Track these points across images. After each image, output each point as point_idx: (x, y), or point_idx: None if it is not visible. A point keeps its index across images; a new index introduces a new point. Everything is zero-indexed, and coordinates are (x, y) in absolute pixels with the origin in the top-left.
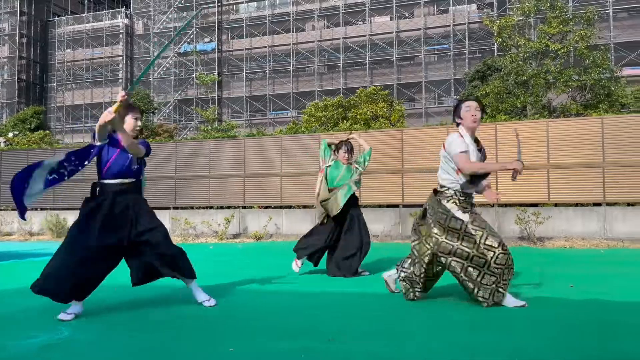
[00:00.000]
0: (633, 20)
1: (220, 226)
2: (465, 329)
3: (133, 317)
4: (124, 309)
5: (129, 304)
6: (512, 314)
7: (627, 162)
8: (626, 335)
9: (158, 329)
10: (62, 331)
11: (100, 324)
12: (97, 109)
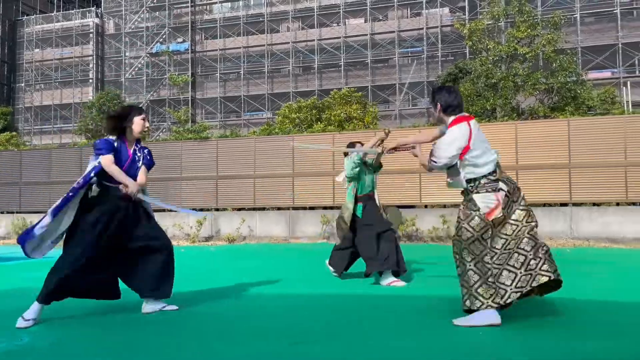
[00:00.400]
0: (599, 24)
1: (192, 229)
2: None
3: (92, 322)
4: (83, 314)
5: (88, 308)
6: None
7: (593, 163)
8: (585, 333)
9: (116, 332)
10: (22, 338)
11: (59, 330)
12: (66, 110)
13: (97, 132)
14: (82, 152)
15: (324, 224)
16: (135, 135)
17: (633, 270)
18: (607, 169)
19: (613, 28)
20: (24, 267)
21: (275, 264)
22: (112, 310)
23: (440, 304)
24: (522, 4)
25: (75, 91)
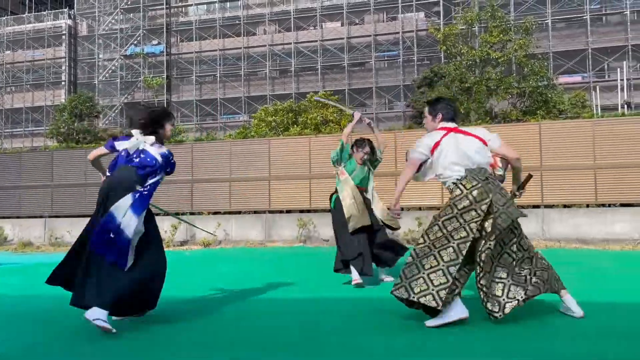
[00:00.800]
0: (570, 30)
1: (166, 233)
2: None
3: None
4: (55, 328)
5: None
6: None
7: (564, 165)
8: (550, 334)
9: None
10: None
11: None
12: (38, 112)
13: (68, 136)
14: (54, 156)
15: (301, 227)
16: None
17: (599, 270)
18: (578, 172)
19: (583, 34)
20: None
21: (251, 268)
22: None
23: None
24: (495, 9)
25: (47, 94)
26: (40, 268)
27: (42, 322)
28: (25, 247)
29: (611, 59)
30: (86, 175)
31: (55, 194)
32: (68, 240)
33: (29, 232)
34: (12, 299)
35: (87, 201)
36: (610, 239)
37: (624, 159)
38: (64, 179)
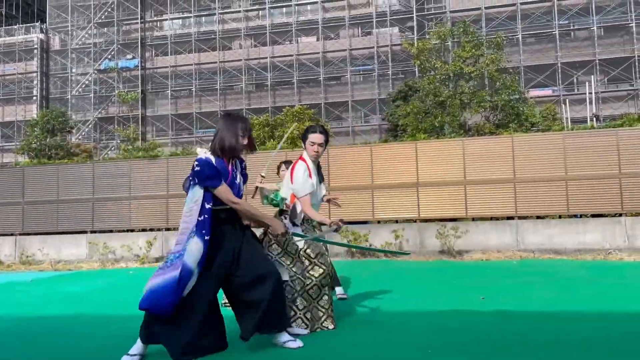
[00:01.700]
0: (540, 45)
1: (141, 249)
2: None
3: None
4: (27, 347)
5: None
6: (419, 323)
7: (536, 177)
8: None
9: None
10: None
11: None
12: (8, 128)
13: (40, 152)
14: (25, 172)
15: None
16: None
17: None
18: (550, 183)
19: (552, 48)
20: None
21: None
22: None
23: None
24: (467, 25)
25: (18, 108)
26: (12, 287)
27: (13, 342)
28: None
29: (580, 72)
30: (58, 192)
31: (27, 211)
32: (39, 258)
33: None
34: None
35: (59, 218)
36: (583, 249)
37: (594, 170)
38: (36, 196)
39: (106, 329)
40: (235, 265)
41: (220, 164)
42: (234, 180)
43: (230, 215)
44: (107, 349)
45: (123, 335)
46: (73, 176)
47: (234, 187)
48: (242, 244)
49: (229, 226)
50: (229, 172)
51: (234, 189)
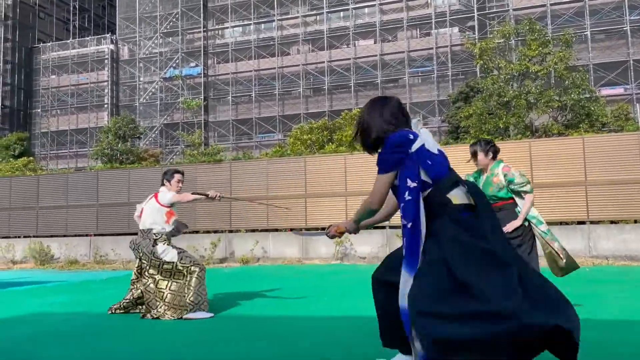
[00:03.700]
0: (610, 41)
1: (206, 251)
2: None
3: (107, 351)
4: (102, 345)
5: (107, 337)
6: None
7: (609, 180)
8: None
9: (121, 358)
10: None
11: (79, 356)
12: (82, 135)
13: (112, 156)
14: (99, 176)
15: (337, 244)
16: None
17: None
18: (624, 186)
19: (624, 45)
20: (37, 292)
21: (288, 285)
22: (135, 330)
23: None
24: (533, 22)
25: (90, 116)
26: (86, 285)
27: (89, 340)
28: (72, 264)
29: None
30: (129, 195)
31: (100, 212)
32: (112, 258)
33: (75, 250)
34: (58, 316)
35: (130, 220)
36: None
37: None
38: (109, 199)
39: (177, 326)
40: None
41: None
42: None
43: None
44: (194, 343)
45: (191, 329)
46: (142, 180)
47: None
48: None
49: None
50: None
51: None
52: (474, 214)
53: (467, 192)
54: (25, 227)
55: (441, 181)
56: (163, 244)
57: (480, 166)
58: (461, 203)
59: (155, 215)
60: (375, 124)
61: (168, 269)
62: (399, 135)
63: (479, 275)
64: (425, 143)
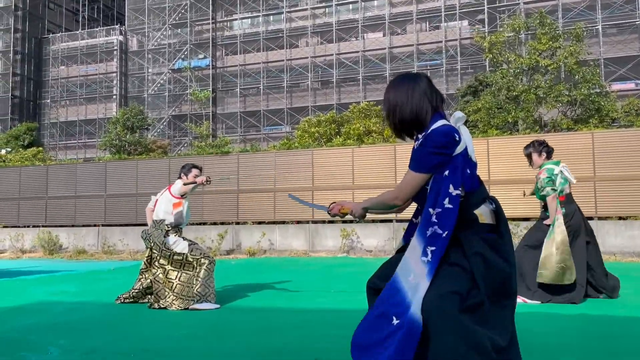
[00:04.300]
0: (622, 35)
1: (213, 242)
2: None
3: (116, 340)
4: (110, 334)
5: (116, 326)
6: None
7: (618, 176)
8: (611, 351)
9: (138, 355)
10: (51, 351)
11: (91, 341)
12: (91, 125)
13: (121, 147)
14: (107, 167)
15: (344, 237)
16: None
17: None
18: (634, 182)
19: (635, 39)
20: (46, 281)
21: (295, 277)
22: (142, 320)
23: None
24: (543, 16)
25: (99, 107)
26: (94, 275)
27: (98, 329)
28: (80, 254)
29: None
30: (137, 186)
31: (109, 203)
32: (120, 248)
33: (83, 240)
34: (68, 305)
35: (138, 210)
36: None
37: None
38: (117, 189)
39: (184, 317)
40: None
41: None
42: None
43: None
44: (198, 334)
45: (197, 320)
46: (150, 171)
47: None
48: None
49: None
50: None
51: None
52: (498, 236)
53: (493, 211)
54: (34, 217)
55: (473, 195)
56: (174, 235)
57: (535, 167)
58: (487, 222)
59: (166, 205)
60: (411, 101)
61: (178, 259)
62: (446, 132)
63: (494, 302)
64: (467, 147)
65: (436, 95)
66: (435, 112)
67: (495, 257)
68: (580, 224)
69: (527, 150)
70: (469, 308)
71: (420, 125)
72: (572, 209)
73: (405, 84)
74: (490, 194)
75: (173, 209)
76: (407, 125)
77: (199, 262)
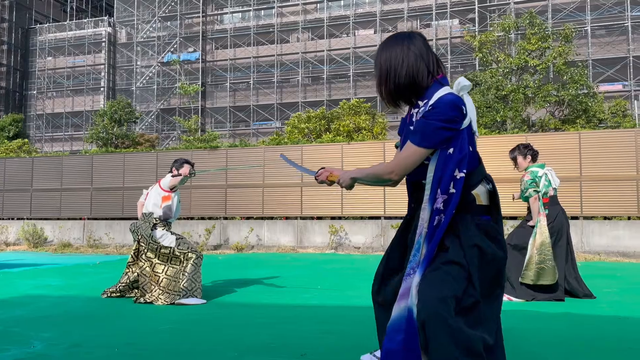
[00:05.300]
0: (610, 37)
1: (201, 237)
2: None
3: (100, 335)
4: (95, 328)
5: (101, 320)
6: None
7: (604, 176)
8: (590, 349)
9: (122, 349)
10: (35, 345)
11: (74, 335)
12: (77, 118)
13: (107, 140)
14: (94, 160)
15: (332, 234)
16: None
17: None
18: (619, 182)
19: (624, 41)
20: (30, 275)
21: (281, 274)
22: (128, 314)
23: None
24: (533, 16)
25: (86, 99)
26: (79, 269)
27: (82, 323)
28: (65, 248)
29: None
30: (124, 179)
31: (95, 196)
32: (105, 242)
33: (69, 234)
34: (52, 299)
35: (125, 204)
36: None
37: None
38: (103, 183)
39: (170, 312)
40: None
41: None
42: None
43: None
44: (180, 330)
45: (182, 315)
46: (137, 164)
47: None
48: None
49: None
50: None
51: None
52: (493, 219)
53: (489, 192)
54: (19, 209)
55: (473, 174)
56: (162, 229)
57: (521, 169)
58: (483, 204)
59: (155, 198)
60: (406, 63)
61: (165, 253)
62: (455, 104)
63: (487, 296)
64: (472, 120)
65: (433, 56)
66: (435, 76)
67: (491, 245)
68: (562, 225)
69: (512, 154)
70: (464, 309)
71: (419, 89)
72: (556, 210)
73: (399, 44)
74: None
75: (162, 202)
76: (403, 91)
77: (186, 257)
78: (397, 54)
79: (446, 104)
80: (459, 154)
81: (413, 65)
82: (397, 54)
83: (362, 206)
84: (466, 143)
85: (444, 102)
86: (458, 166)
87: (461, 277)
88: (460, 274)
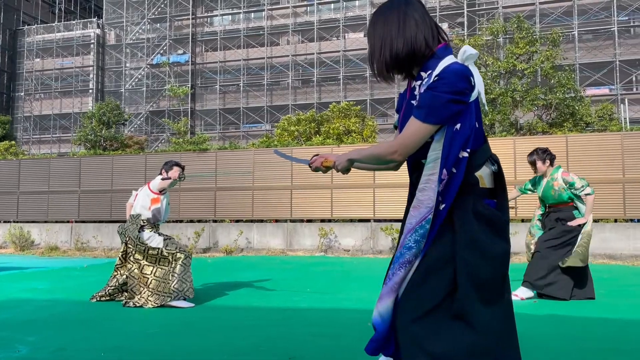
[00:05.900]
0: (597, 42)
1: (190, 240)
2: None
3: (87, 338)
4: (81, 332)
5: (87, 324)
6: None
7: (591, 179)
8: (577, 350)
9: (109, 353)
10: (19, 349)
11: (60, 339)
12: (65, 120)
13: (96, 143)
14: (82, 162)
15: (322, 237)
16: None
17: (624, 287)
18: (605, 185)
19: (611, 45)
20: (17, 278)
21: (270, 276)
22: (115, 317)
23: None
24: (521, 20)
25: (75, 101)
26: (66, 272)
27: (68, 326)
28: (52, 251)
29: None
30: (112, 182)
31: (82, 199)
32: (93, 245)
33: (56, 237)
34: (38, 302)
35: (112, 207)
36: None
37: None
38: (91, 185)
39: (158, 314)
40: None
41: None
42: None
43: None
44: (169, 333)
45: (171, 319)
46: (126, 167)
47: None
48: None
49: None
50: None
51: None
52: (499, 205)
53: (493, 173)
54: (5, 212)
55: (477, 153)
56: (149, 230)
57: (540, 173)
58: (487, 187)
59: (144, 200)
60: (404, 30)
61: (154, 254)
62: (464, 74)
63: (488, 302)
64: (480, 93)
65: (433, 22)
66: (437, 44)
67: (493, 238)
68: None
69: (531, 158)
70: (452, 317)
71: (419, 59)
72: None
73: (395, 8)
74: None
75: (151, 205)
76: (402, 61)
77: (174, 257)
78: (393, 20)
79: (454, 73)
80: (464, 130)
81: (412, 33)
82: (394, 20)
83: (352, 209)
84: (474, 118)
85: (451, 72)
86: (462, 144)
87: (446, 283)
88: (445, 279)
